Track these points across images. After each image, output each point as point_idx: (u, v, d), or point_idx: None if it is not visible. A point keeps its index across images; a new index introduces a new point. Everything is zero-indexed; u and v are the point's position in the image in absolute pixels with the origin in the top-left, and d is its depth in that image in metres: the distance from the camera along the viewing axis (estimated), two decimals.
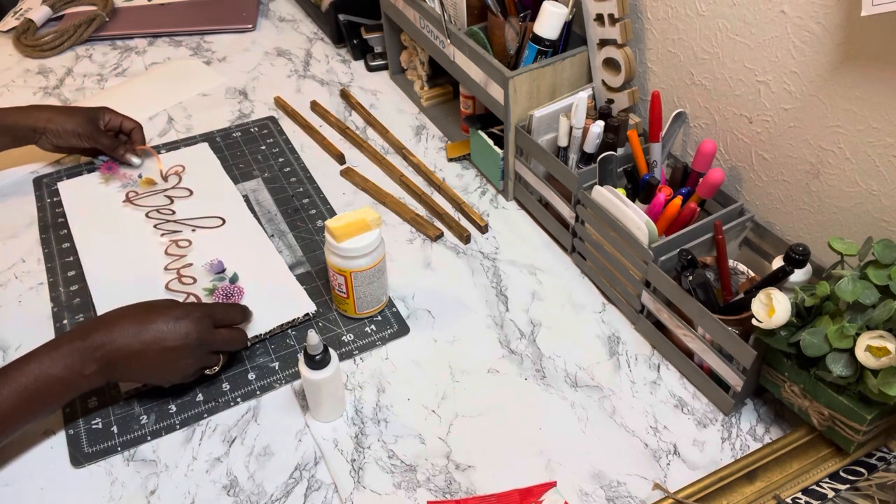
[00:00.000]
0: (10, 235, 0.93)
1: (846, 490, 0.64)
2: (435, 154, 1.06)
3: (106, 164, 1.00)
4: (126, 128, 1.02)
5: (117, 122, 1.01)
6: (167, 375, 0.70)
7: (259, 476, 0.68)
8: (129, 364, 0.67)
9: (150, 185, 0.98)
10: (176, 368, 0.69)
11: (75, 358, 0.65)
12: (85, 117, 0.97)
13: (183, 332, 0.68)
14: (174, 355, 0.68)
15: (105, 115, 1.00)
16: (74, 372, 0.65)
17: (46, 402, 0.65)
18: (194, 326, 0.69)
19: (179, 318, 0.68)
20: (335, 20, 1.26)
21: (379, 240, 0.76)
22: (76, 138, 0.97)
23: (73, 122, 0.96)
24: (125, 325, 0.67)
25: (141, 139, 1.02)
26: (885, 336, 0.57)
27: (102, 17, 1.33)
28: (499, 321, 0.82)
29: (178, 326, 0.68)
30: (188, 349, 0.68)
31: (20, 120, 0.95)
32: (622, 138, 0.84)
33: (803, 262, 0.65)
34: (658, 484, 0.66)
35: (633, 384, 0.75)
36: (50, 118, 0.96)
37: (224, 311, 0.74)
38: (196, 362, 0.70)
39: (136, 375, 0.70)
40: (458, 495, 0.66)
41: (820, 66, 0.69)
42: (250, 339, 0.77)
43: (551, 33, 0.88)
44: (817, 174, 0.73)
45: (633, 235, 0.75)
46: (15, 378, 0.64)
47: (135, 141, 1.02)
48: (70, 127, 0.96)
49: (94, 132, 0.98)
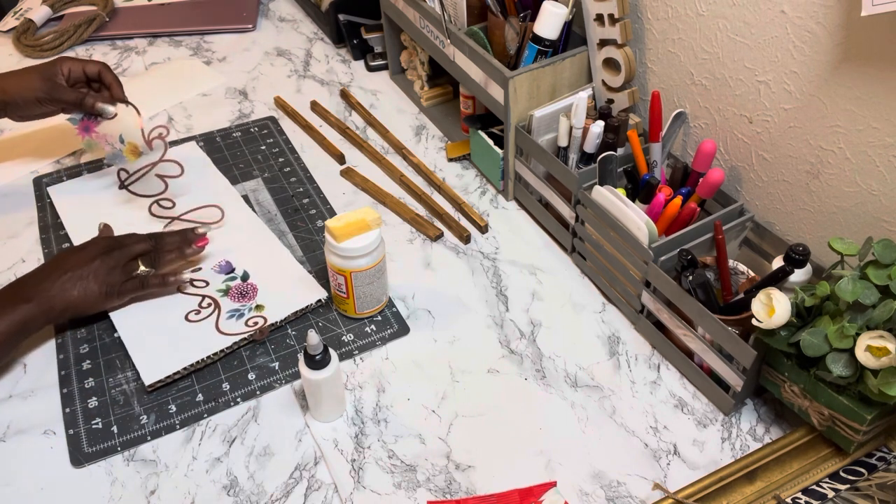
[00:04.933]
0: (10, 235, 0.93)
1: (846, 490, 0.64)
2: (435, 154, 1.06)
3: (82, 122, 0.90)
4: (90, 72, 0.90)
5: (79, 70, 0.90)
6: (101, 288, 0.77)
7: (259, 476, 0.68)
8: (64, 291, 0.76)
9: (136, 153, 0.92)
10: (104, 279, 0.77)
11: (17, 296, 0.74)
12: (40, 77, 0.87)
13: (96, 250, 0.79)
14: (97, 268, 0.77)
15: (63, 67, 0.89)
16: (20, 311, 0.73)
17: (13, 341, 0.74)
18: (103, 242, 0.80)
19: (83, 247, 0.80)
20: (335, 20, 1.26)
21: (379, 240, 0.76)
22: (37, 105, 0.88)
23: (28, 87, 0.87)
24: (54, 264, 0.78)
25: (112, 80, 0.91)
26: (885, 336, 0.57)
27: (102, 17, 1.33)
28: (499, 321, 0.82)
29: (92, 248, 0.79)
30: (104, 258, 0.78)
31: None
32: (622, 138, 0.84)
33: (803, 262, 0.65)
34: (658, 484, 0.66)
35: (633, 384, 0.75)
36: (3, 89, 0.87)
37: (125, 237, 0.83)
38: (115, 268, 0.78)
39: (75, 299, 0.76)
40: (458, 495, 0.66)
41: (820, 66, 0.69)
42: (268, 327, 0.79)
43: (551, 33, 0.88)
44: (817, 174, 0.73)
45: (633, 235, 0.75)
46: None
47: (108, 84, 0.91)
48: (28, 93, 0.87)
49: (54, 90, 0.87)
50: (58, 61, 0.89)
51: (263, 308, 0.80)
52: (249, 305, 0.81)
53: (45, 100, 0.88)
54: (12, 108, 0.89)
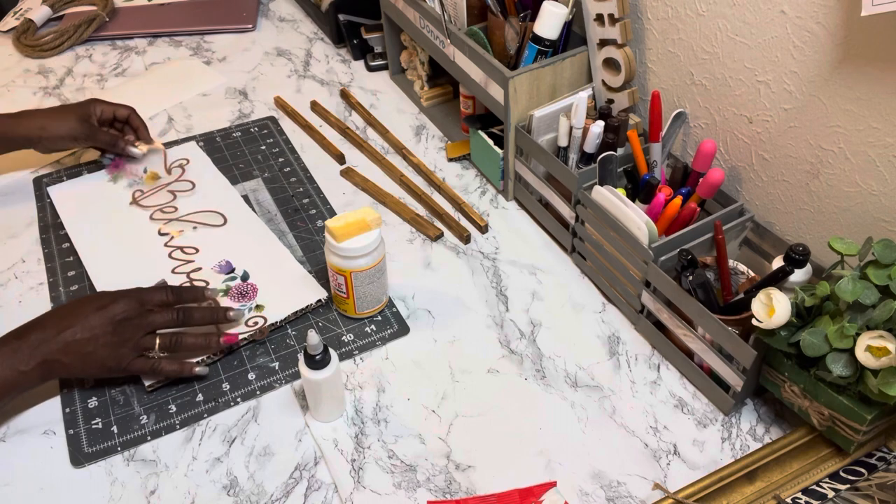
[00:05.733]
0: (10, 235, 0.93)
1: (846, 490, 0.64)
2: (435, 154, 1.06)
3: (114, 162, 1.00)
4: (120, 116, 0.99)
5: (110, 113, 0.98)
6: (105, 363, 0.70)
7: (259, 476, 0.68)
8: (64, 356, 0.68)
9: (156, 179, 0.98)
10: (110, 353, 0.69)
11: (13, 357, 0.67)
12: (77, 118, 0.95)
13: (109, 315, 0.70)
14: (105, 339, 0.69)
15: (96, 109, 0.97)
16: (13, 370, 0.67)
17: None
18: (120, 306, 0.70)
19: (105, 304, 0.70)
20: (335, 20, 1.26)
21: (379, 240, 0.76)
22: (72, 142, 0.96)
23: (66, 127, 0.94)
24: (57, 320, 0.70)
25: (140, 124, 1.00)
26: (885, 336, 0.57)
27: (102, 17, 1.33)
28: (499, 321, 0.82)
29: (105, 311, 0.70)
30: (116, 326, 0.70)
31: (10, 131, 0.93)
32: (622, 138, 0.84)
33: (803, 262, 0.65)
34: (658, 484, 0.66)
35: (633, 384, 0.75)
36: (42, 126, 0.94)
37: (152, 292, 0.74)
38: (128, 342, 0.70)
39: (74, 368, 0.70)
40: (458, 495, 0.66)
41: (820, 66, 0.69)
42: (268, 327, 0.78)
43: (551, 33, 0.88)
44: (817, 174, 0.73)
45: (633, 235, 0.75)
46: None
47: (136, 128, 1.00)
48: (64, 132, 0.94)
49: (90, 131, 0.95)
50: (91, 104, 0.97)
51: (263, 308, 0.80)
52: (249, 305, 0.81)
53: (79, 138, 0.95)
54: (46, 142, 0.95)
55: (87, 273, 0.86)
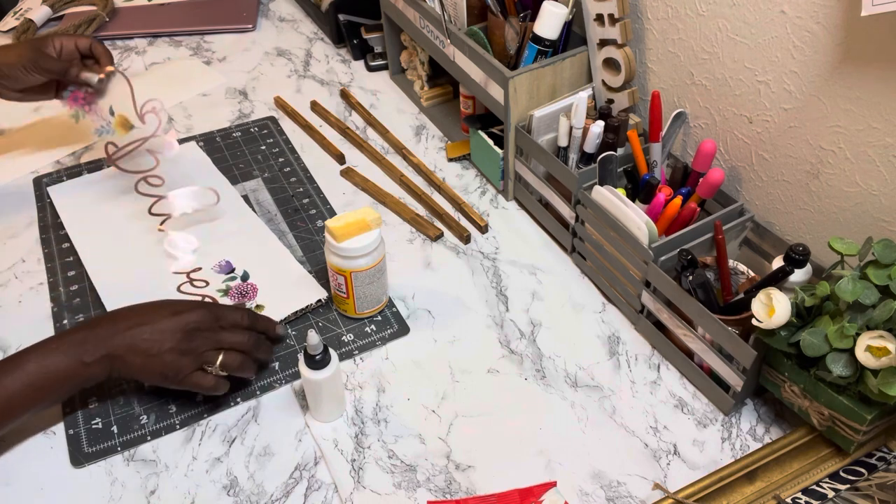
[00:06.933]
0: (10, 235, 0.93)
1: (846, 490, 0.64)
2: (435, 154, 1.06)
3: (71, 94, 0.89)
4: (82, 47, 0.89)
5: (71, 45, 0.89)
6: (165, 370, 0.68)
7: (259, 476, 0.68)
8: (128, 354, 0.67)
9: (126, 126, 0.88)
10: (173, 360, 0.67)
11: (79, 347, 0.66)
12: (29, 47, 0.86)
13: (182, 321, 0.68)
14: (171, 345, 0.67)
15: (55, 41, 0.88)
16: (77, 361, 0.66)
17: (49, 390, 0.66)
18: (194, 315, 0.69)
19: (180, 311, 0.69)
20: (335, 20, 1.26)
21: (379, 240, 0.76)
22: (24, 72, 0.86)
23: (14, 54, 0.86)
24: (131, 316, 0.69)
25: (102, 52, 0.89)
26: (885, 336, 0.57)
27: (102, 17, 1.33)
28: (499, 321, 0.82)
29: (179, 318, 0.68)
30: (186, 334, 0.68)
31: None
32: (622, 138, 0.84)
33: (803, 262, 0.65)
34: (658, 484, 0.66)
35: (633, 384, 0.75)
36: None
37: (229, 311, 0.73)
38: (193, 352, 0.68)
39: (134, 367, 0.68)
40: (458, 495, 0.66)
41: (820, 66, 0.69)
42: None
43: (551, 33, 0.88)
44: (817, 174, 0.73)
45: (633, 235, 0.75)
46: (20, 365, 0.65)
47: (97, 56, 0.89)
48: (13, 59, 0.85)
49: (40, 59, 0.86)
50: (50, 35, 0.89)
51: (263, 308, 0.80)
52: (249, 305, 0.81)
53: (30, 68, 0.86)
54: (3, 80, 0.87)
55: (87, 273, 0.86)
